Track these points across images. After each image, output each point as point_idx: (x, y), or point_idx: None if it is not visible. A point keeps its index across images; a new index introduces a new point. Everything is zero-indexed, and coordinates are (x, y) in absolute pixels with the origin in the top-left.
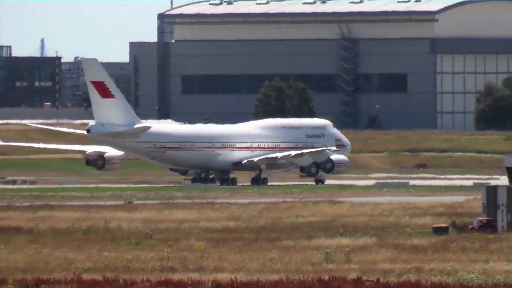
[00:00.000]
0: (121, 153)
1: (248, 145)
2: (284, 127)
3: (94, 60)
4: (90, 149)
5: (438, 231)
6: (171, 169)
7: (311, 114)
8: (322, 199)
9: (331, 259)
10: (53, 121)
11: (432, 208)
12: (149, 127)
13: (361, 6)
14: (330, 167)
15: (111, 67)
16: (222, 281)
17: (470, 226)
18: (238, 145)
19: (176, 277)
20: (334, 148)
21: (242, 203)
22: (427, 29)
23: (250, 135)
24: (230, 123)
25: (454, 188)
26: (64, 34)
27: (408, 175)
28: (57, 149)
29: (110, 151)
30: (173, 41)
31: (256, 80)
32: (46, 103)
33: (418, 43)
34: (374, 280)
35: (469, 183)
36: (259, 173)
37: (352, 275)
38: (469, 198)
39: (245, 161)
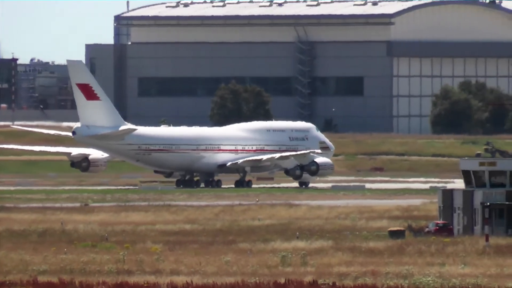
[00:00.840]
0: (106, 155)
1: (233, 147)
2: (268, 130)
3: (80, 62)
4: (75, 151)
5: (394, 234)
6: (155, 171)
7: (268, 117)
8: (279, 202)
9: (287, 262)
10: (9, 123)
11: (388, 211)
12: (134, 129)
13: (317, 9)
14: (315, 169)
15: (67, 69)
16: (178, 284)
17: (426, 230)
18: (222, 147)
19: (132, 280)
20: (319, 150)
21: (198, 205)
22: (383, 32)
23: (234, 138)
24: (186, 125)
25: (411, 192)
26: (20, 36)
27: (365, 178)
28: (43, 151)
29: (95, 153)
30: (130, 43)
31: (213, 83)
32: (2, 105)
33: (374, 46)
34: (330, 283)
35: (426, 186)
36: (243, 176)
37: (308, 278)
38: (426, 201)
39: (230, 163)
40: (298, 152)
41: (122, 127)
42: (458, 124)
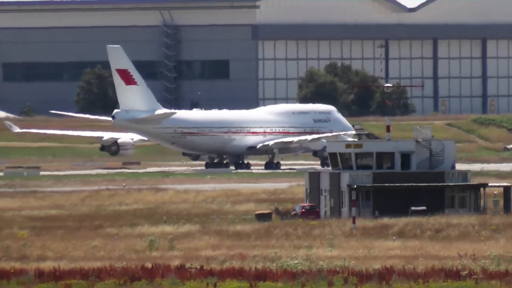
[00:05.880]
0: (135, 139)
1: (262, 130)
2: (293, 113)
3: (119, 48)
4: (106, 135)
5: (261, 217)
6: (184, 154)
7: None
8: (146, 187)
9: (155, 246)
10: None
11: (255, 194)
12: (173, 113)
13: None
14: None
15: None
16: (45, 270)
17: (293, 212)
18: (252, 130)
19: None
20: (353, 132)
21: (65, 191)
22: (248, 15)
23: (263, 121)
24: (52, 110)
25: (277, 175)
26: None
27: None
28: (78, 135)
29: (123, 138)
30: None
31: (79, 68)
32: None
33: (239, 29)
34: (198, 267)
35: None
36: (272, 157)
37: (176, 262)
38: (292, 184)
39: (260, 145)
40: (330, 134)
41: (158, 111)
42: None
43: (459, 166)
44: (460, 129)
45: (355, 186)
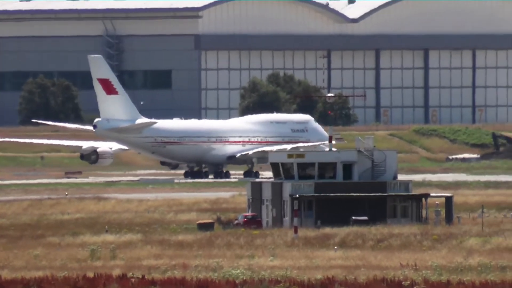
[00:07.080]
0: (115, 148)
1: (241, 139)
2: (271, 122)
3: (100, 57)
4: (85, 144)
5: (203, 227)
6: (162, 163)
7: (76, 111)
8: (88, 196)
9: (97, 255)
10: None
11: (197, 204)
12: (154, 122)
13: (125, 3)
14: None
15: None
16: None
17: (235, 222)
18: (231, 139)
19: None
20: (333, 142)
21: (6, 200)
22: (191, 25)
23: (242, 130)
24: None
25: (219, 184)
26: None
27: (173, 172)
28: (54, 144)
29: (103, 147)
30: None
31: (21, 77)
32: None
33: (182, 39)
34: (140, 276)
35: (234, 179)
36: (251, 166)
37: (117, 272)
38: (235, 194)
39: (239, 154)
40: (310, 144)
41: (138, 120)
42: None
43: (401, 177)
44: (402, 139)
45: (297, 196)
